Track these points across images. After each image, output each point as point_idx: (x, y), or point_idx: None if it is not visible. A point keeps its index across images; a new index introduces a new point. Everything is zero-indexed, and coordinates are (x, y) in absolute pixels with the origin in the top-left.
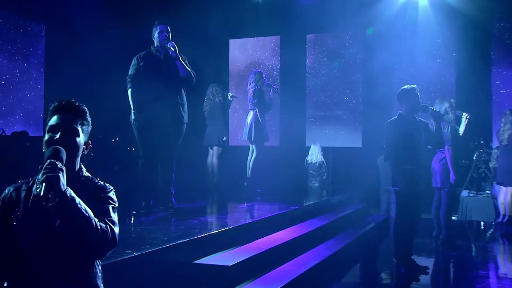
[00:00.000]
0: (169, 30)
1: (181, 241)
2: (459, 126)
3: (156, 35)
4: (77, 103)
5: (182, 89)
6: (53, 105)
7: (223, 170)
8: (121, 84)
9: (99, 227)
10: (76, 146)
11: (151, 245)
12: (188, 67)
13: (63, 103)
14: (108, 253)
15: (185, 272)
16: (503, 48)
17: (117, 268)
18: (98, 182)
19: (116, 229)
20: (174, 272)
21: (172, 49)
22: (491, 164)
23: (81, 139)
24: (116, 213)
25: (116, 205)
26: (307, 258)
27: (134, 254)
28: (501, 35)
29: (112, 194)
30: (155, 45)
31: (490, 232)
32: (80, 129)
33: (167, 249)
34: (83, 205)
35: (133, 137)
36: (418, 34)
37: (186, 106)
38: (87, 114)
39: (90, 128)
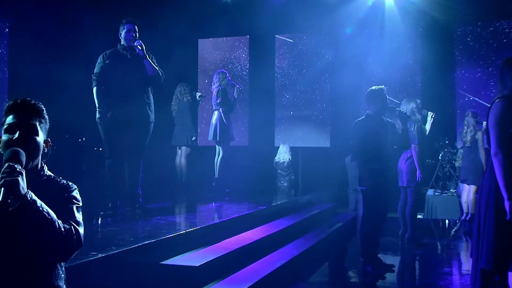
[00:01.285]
0: (137, 30)
1: (148, 241)
2: (425, 125)
3: (123, 34)
4: (33, 101)
5: (149, 88)
6: (7, 104)
7: (191, 170)
8: (88, 82)
9: (62, 229)
10: (36, 145)
11: (117, 246)
12: (156, 66)
13: (18, 101)
14: (73, 255)
15: (152, 273)
16: (466, 50)
17: (82, 270)
18: (61, 181)
19: (81, 230)
20: (140, 273)
21: (140, 48)
22: (457, 164)
23: (41, 137)
24: (81, 213)
25: (80, 204)
26: (275, 257)
27: (100, 255)
28: (464, 37)
29: (76, 193)
30: (121, 43)
31: (454, 230)
32: (39, 127)
33: (133, 250)
34: (45, 208)
35: (100, 137)
36: (385, 35)
37: (152, 105)
38: (44, 112)
39: (48, 126)
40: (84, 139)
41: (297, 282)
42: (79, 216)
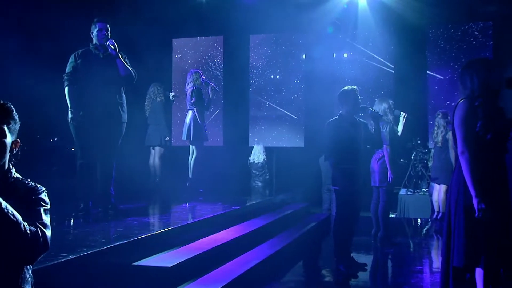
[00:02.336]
0: (109, 28)
1: (120, 242)
2: (397, 126)
3: (95, 33)
4: (1, 101)
5: (122, 88)
6: None
7: (165, 170)
8: (59, 82)
9: (28, 232)
10: (3, 147)
11: (88, 248)
12: (129, 65)
13: None
14: (39, 258)
15: (124, 274)
16: (437, 52)
17: (51, 272)
18: (29, 183)
19: (48, 232)
20: (112, 275)
21: (112, 47)
22: (430, 164)
23: (8, 139)
24: (48, 215)
25: (48, 206)
26: (248, 257)
27: (70, 257)
28: (436, 39)
29: (44, 196)
30: (93, 43)
31: (426, 228)
32: (6, 129)
33: (105, 251)
34: (10, 209)
35: (72, 137)
36: (358, 35)
37: (125, 105)
38: (14, 112)
39: (18, 125)
40: (56, 139)
41: (271, 281)
42: (46, 218)
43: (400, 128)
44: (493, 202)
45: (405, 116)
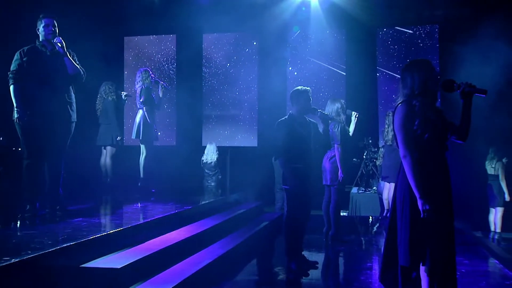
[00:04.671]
0: (56, 24)
1: (67, 244)
2: (349, 126)
3: (41, 29)
4: None
5: (71, 87)
6: None
7: (117, 170)
8: (3, 79)
9: None
10: None
11: (33, 250)
12: (77, 64)
13: None
14: None
15: (71, 276)
16: (387, 52)
17: None
18: None
19: None
20: (58, 278)
21: (59, 45)
22: (378, 162)
23: None
24: None
25: None
26: (200, 257)
27: (13, 260)
28: (385, 40)
29: None
30: (40, 39)
31: (376, 226)
32: None
33: (50, 253)
34: None
35: (18, 137)
36: (310, 36)
37: (74, 104)
38: None
39: None
40: (1, 138)
41: (223, 281)
42: None
43: (351, 127)
44: (437, 201)
45: (357, 116)
